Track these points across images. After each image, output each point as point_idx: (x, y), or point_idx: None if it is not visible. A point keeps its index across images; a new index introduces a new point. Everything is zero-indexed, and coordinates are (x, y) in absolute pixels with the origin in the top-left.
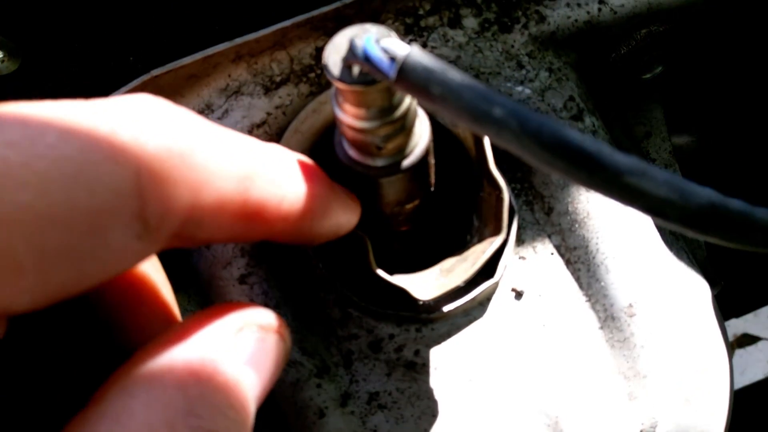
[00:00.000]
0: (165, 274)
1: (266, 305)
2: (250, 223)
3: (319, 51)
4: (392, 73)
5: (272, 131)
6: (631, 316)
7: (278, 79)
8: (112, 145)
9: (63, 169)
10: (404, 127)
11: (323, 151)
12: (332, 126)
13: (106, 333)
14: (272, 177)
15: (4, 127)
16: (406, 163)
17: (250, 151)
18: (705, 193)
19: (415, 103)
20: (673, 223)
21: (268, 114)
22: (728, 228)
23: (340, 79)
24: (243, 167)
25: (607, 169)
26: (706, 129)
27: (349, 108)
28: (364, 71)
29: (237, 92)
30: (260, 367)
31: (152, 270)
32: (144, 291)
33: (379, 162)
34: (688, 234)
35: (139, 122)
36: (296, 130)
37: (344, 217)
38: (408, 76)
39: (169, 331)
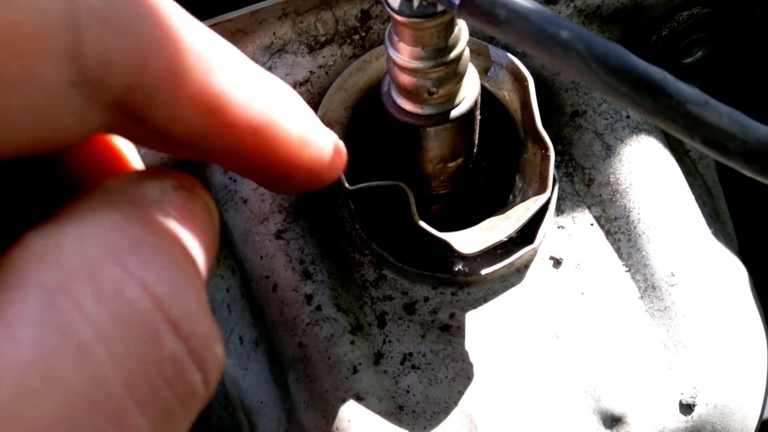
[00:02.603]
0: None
1: (302, 261)
2: (211, 120)
3: (365, 13)
4: None
5: (314, 90)
6: (672, 285)
7: (323, 39)
8: None
9: None
10: (457, 72)
11: (366, 110)
12: (376, 86)
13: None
14: (240, 69)
15: None
16: (455, 112)
17: (216, 37)
18: (766, 131)
19: (467, 51)
20: (733, 158)
21: (311, 73)
22: None
23: (400, 12)
24: (207, 46)
25: (671, 97)
26: None
27: (405, 47)
28: (425, 2)
29: (281, 50)
30: (202, 234)
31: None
32: (107, 161)
33: (428, 110)
34: (746, 172)
35: None
36: (340, 87)
37: (327, 149)
38: (472, 1)
39: (96, 186)
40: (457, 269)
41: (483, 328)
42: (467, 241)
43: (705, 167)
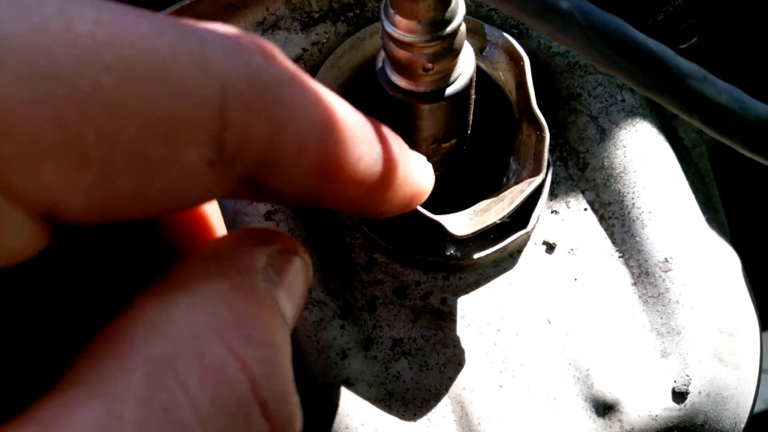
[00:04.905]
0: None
1: None
2: (324, 181)
3: None
4: None
5: (307, 67)
6: (666, 272)
7: (316, 15)
8: (203, 53)
9: (150, 61)
10: (453, 47)
11: (359, 88)
12: (370, 62)
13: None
14: (352, 132)
15: (97, 5)
16: (450, 90)
17: (334, 102)
18: (764, 109)
19: (464, 27)
20: (730, 136)
21: (304, 50)
22: None
23: None
24: (326, 116)
25: (670, 70)
26: None
27: (401, 20)
28: None
29: (274, 26)
30: (295, 294)
31: (216, 217)
32: (203, 234)
33: (423, 87)
34: (743, 150)
35: (234, 42)
36: (333, 65)
37: (421, 183)
38: None
39: (207, 249)
40: (449, 254)
41: (475, 313)
42: (460, 223)
43: (698, 156)
